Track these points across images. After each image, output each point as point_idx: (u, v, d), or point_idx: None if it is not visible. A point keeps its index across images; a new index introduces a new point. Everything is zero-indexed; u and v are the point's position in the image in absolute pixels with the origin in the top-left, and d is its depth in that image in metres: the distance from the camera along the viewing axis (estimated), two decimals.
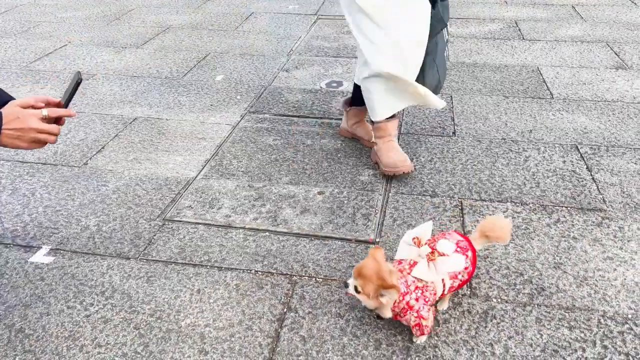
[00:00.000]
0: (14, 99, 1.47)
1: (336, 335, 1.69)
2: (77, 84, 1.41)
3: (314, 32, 4.65)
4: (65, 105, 1.42)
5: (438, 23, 2.29)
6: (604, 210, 2.26)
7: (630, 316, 1.74)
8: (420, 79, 2.33)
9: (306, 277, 1.93)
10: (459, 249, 1.64)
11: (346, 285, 1.59)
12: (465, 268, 1.64)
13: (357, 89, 2.65)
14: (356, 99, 2.70)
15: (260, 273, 1.95)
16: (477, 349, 1.63)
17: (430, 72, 2.36)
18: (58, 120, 1.36)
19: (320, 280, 1.91)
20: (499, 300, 1.82)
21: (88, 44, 4.42)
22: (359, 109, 2.74)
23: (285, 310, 1.79)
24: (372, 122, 2.59)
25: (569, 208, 2.27)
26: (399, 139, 2.85)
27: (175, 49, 4.28)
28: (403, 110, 3.17)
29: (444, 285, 1.61)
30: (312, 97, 3.39)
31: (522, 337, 1.67)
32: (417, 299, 1.56)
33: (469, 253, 1.66)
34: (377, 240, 2.11)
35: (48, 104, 1.43)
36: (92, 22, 5.01)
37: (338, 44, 4.34)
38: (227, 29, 4.74)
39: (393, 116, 2.52)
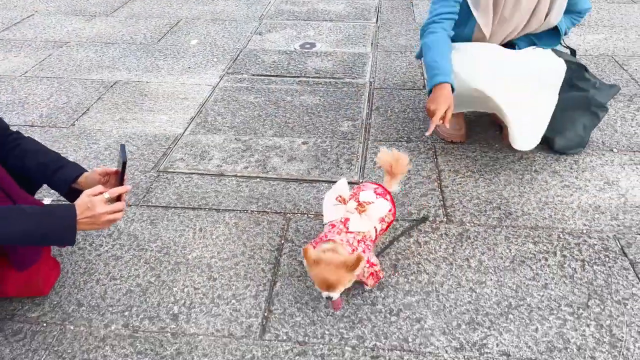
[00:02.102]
0: (86, 170, 1.72)
1: None
2: (124, 162, 1.56)
3: None
4: (121, 179, 1.59)
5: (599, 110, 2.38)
6: None
7: (585, 231, 1.99)
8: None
9: (299, 214, 2.10)
10: (378, 195, 1.75)
11: (330, 298, 1.57)
12: (390, 210, 1.76)
13: None
14: None
15: (256, 212, 2.11)
16: (455, 264, 1.85)
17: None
18: (119, 197, 1.55)
19: (312, 216, 2.09)
20: (472, 224, 2.04)
21: (55, 13, 4.38)
22: None
23: (282, 241, 1.96)
24: None
25: None
26: (373, 94, 3.03)
27: (145, 16, 4.30)
28: (376, 67, 3.34)
29: (376, 231, 1.71)
30: (287, 57, 3.51)
31: (493, 252, 1.90)
32: (364, 251, 1.62)
33: (388, 197, 1.79)
34: (361, 180, 2.30)
35: (106, 174, 1.68)
36: None
37: (308, 8, 4.45)
38: None
39: None
